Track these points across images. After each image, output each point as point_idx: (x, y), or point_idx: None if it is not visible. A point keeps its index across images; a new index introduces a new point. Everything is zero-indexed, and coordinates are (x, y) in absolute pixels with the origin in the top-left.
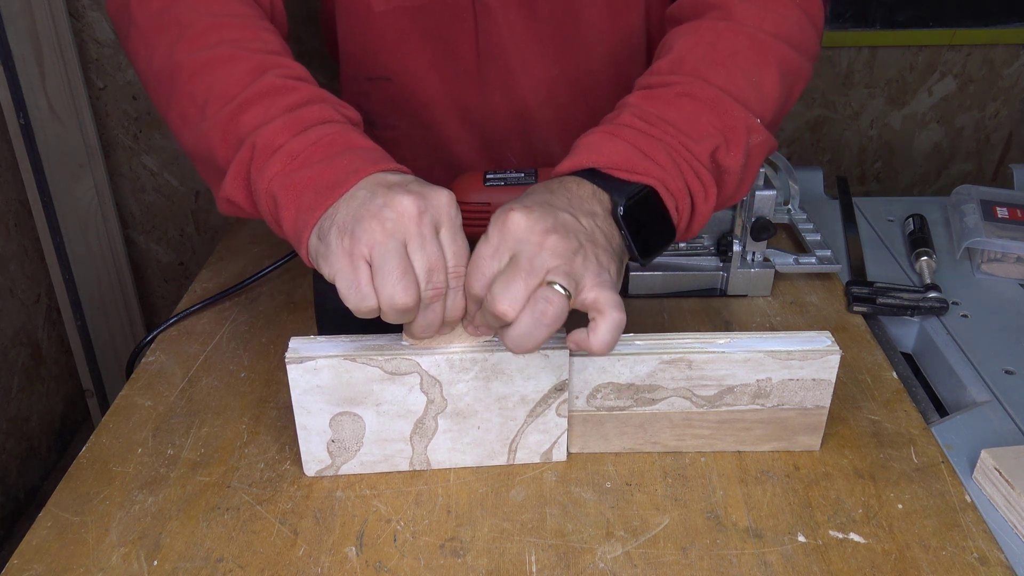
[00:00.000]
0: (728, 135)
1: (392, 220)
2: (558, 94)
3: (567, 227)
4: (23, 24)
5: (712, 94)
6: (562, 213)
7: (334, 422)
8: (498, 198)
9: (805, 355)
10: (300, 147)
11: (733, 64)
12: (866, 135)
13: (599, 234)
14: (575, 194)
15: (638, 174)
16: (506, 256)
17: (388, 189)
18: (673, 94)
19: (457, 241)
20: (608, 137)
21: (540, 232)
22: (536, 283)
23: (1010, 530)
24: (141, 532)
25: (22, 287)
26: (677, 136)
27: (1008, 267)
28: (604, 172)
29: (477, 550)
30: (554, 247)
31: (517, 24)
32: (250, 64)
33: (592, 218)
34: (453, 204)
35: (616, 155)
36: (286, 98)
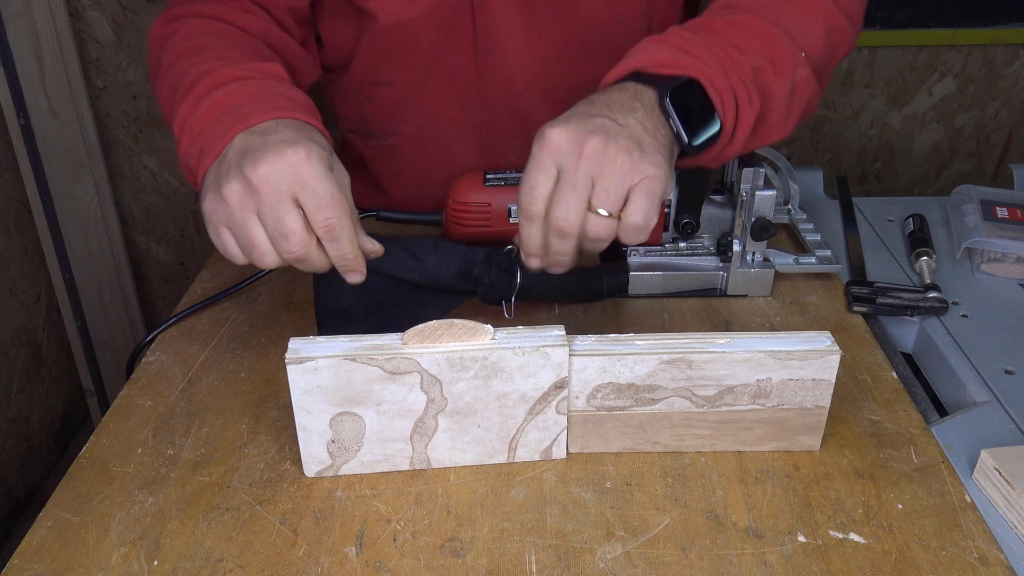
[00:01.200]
0: (775, 60)
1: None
2: (557, 94)
3: (604, 129)
4: (23, 24)
5: (762, 25)
6: (598, 118)
7: (334, 422)
8: (498, 198)
9: (805, 355)
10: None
11: (784, 8)
12: (866, 135)
13: (637, 126)
14: (614, 99)
15: (682, 68)
16: (553, 170)
17: (240, 158)
18: (723, 21)
19: (319, 197)
20: (653, 43)
21: (577, 141)
22: (585, 195)
23: (1010, 530)
24: (141, 532)
25: (22, 287)
26: (723, 46)
27: (1008, 267)
28: (648, 72)
29: (477, 550)
30: (591, 152)
31: (515, 25)
32: (232, 70)
33: (632, 115)
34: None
35: (660, 55)
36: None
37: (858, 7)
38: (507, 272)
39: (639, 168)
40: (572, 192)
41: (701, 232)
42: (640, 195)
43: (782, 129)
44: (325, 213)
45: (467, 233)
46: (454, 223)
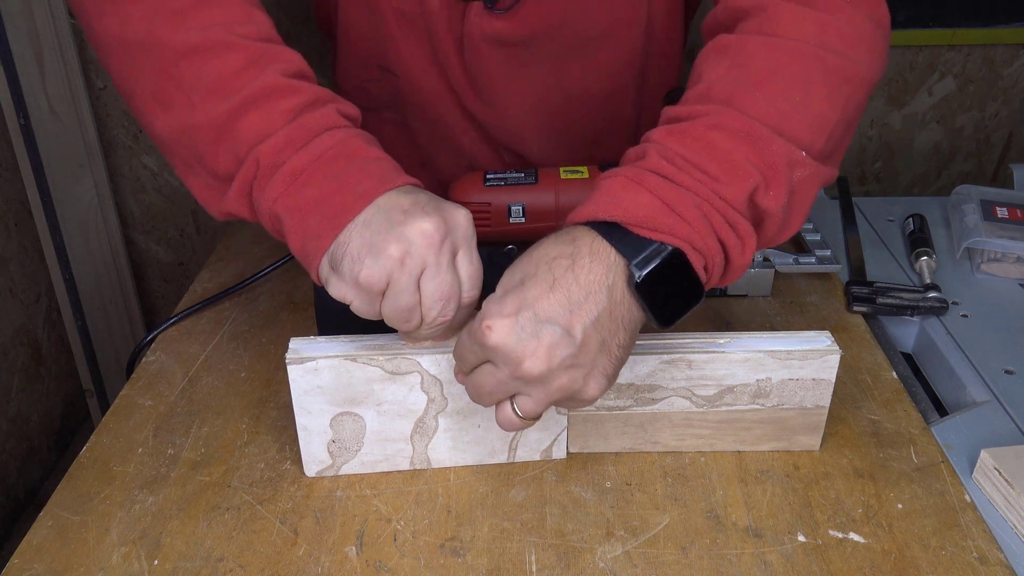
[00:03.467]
0: (767, 173)
1: (411, 248)
2: (548, 112)
3: (550, 349)
4: (23, 24)
5: (746, 125)
6: (549, 328)
7: (335, 422)
8: (498, 198)
9: (805, 355)
10: (303, 163)
11: (770, 85)
12: (866, 135)
13: (594, 338)
14: (581, 280)
15: (662, 232)
16: (482, 358)
17: (404, 214)
18: (703, 127)
19: (473, 264)
20: (631, 185)
21: (518, 356)
22: (502, 398)
23: (1010, 530)
24: (141, 532)
25: (22, 287)
26: (708, 183)
27: (1008, 267)
28: (624, 228)
29: (477, 550)
30: (529, 376)
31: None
32: (246, 55)
33: (595, 313)
34: (470, 223)
35: (638, 209)
36: (287, 101)
37: (870, 37)
38: None
39: (576, 396)
40: (491, 389)
41: None
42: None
43: (783, 234)
44: (475, 292)
45: None
46: None
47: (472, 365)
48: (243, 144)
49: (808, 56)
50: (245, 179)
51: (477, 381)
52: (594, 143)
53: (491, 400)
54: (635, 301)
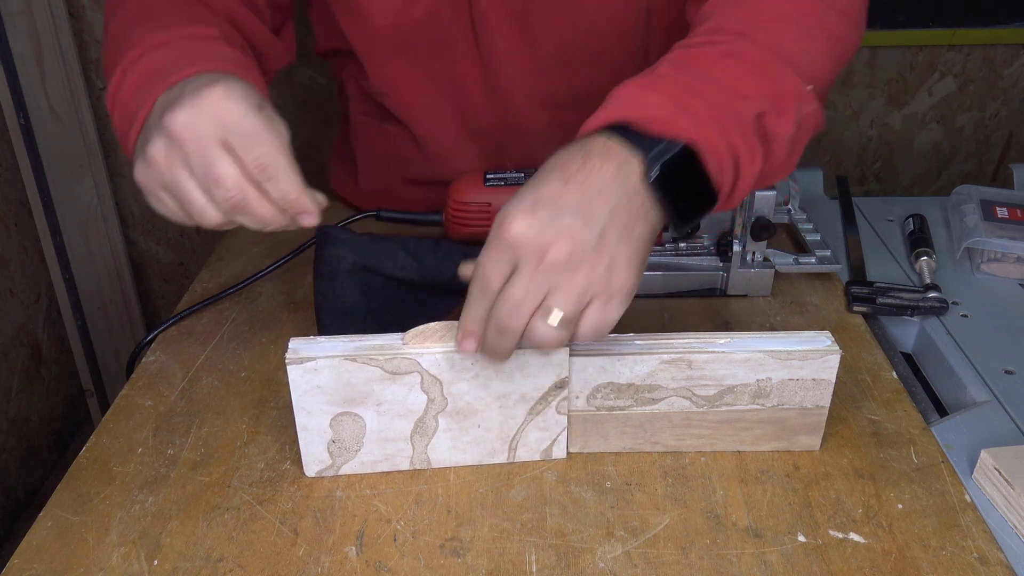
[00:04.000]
0: (777, 100)
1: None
2: (555, 102)
3: (572, 235)
4: (23, 24)
5: (759, 55)
6: (567, 217)
7: (334, 422)
8: (498, 198)
9: (805, 355)
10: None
11: (781, 25)
12: (866, 135)
13: (613, 227)
14: (594, 176)
15: (675, 129)
16: (509, 263)
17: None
18: (716, 53)
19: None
20: (643, 88)
21: (539, 245)
22: (535, 301)
23: (1010, 530)
24: (141, 532)
25: (22, 287)
26: (720, 92)
27: (1008, 267)
28: (637, 128)
29: (477, 550)
30: (553, 263)
31: (511, 34)
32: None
33: (611, 204)
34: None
35: (651, 108)
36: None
37: (859, 5)
38: None
39: (602, 286)
40: (521, 297)
41: (701, 232)
42: (596, 312)
43: (785, 169)
44: (255, 151)
45: (467, 233)
46: (454, 223)
47: (497, 285)
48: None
49: (816, 10)
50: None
51: (506, 296)
52: None
53: (522, 314)
54: (650, 196)
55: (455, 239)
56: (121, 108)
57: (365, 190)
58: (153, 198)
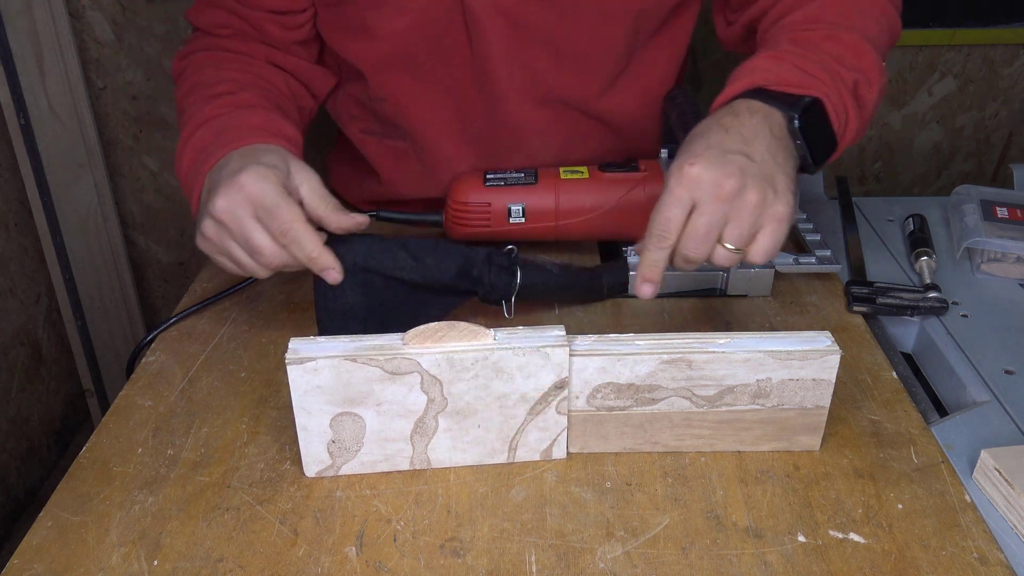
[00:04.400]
0: (867, 73)
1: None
2: (551, 102)
3: (742, 171)
4: (23, 24)
5: (854, 39)
6: (734, 156)
7: (334, 422)
8: (498, 198)
9: (805, 355)
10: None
11: (862, 17)
12: (866, 135)
13: (771, 162)
14: (747, 125)
15: (805, 88)
16: (688, 204)
17: (208, 193)
18: (819, 37)
19: (270, 210)
20: (772, 60)
21: (715, 182)
22: (717, 232)
23: (1010, 530)
24: (141, 532)
25: (22, 287)
26: (830, 63)
27: (1008, 267)
28: (772, 90)
29: (477, 550)
30: (728, 194)
31: (505, 37)
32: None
33: (765, 145)
34: (249, 188)
35: (783, 73)
36: None
37: (901, 2)
38: (507, 272)
39: (770, 211)
40: (706, 229)
41: None
42: (767, 235)
43: (862, 132)
44: (277, 221)
45: (467, 233)
46: (454, 223)
47: (678, 227)
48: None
49: (883, 6)
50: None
51: (692, 230)
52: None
53: (709, 243)
54: (792, 140)
55: (455, 239)
56: (182, 179)
57: (364, 199)
58: (215, 260)
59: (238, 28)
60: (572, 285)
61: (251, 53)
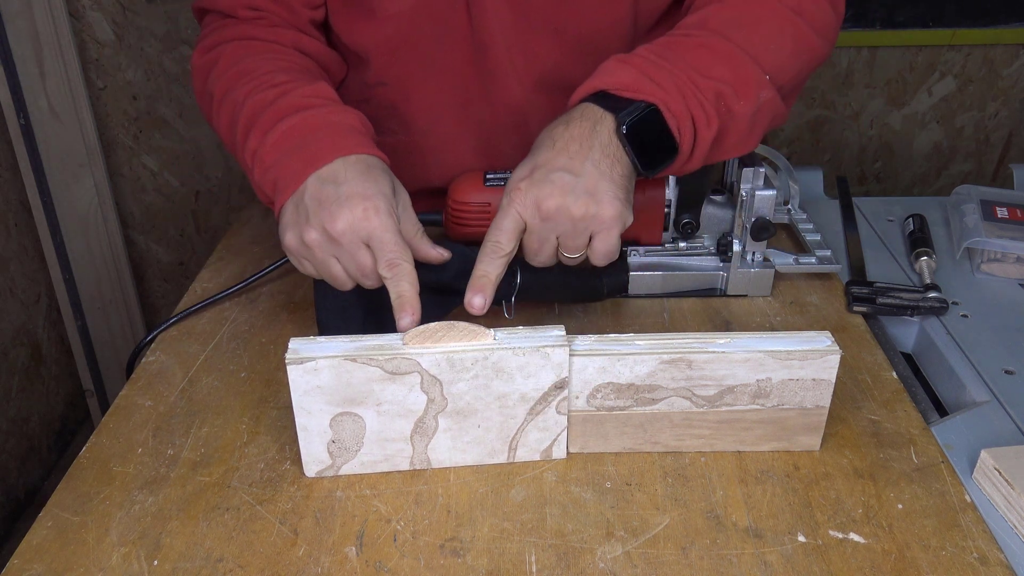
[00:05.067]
0: (737, 86)
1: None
2: (551, 86)
3: (563, 188)
4: (23, 24)
5: (729, 49)
6: (557, 174)
7: (334, 422)
8: (498, 198)
9: (805, 355)
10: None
11: (753, 29)
12: (866, 135)
13: (594, 173)
14: (574, 137)
15: (642, 94)
16: (519, 221)
17: (317, 207)
18: (692, 43)
19: (384, 244)
20: (620, 63)
21: (537, 203)
22: (552, 247)
23: (1010, 530)
24: (141, 532)
25: (22, 287)
26: (685, 70)
27: (1008, 267)
28: (612, 93)
29: (477, 550)
30: (551, 213)
31: (508, 21)
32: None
33: (589, 158)
34: (373, 220)
35: (624, 78)
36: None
37: (830, 22)
38: (507, 272)
39: (596, 219)
40: (538, 245)
41: (701, 232)
42: (600, 241)
43: (746, 144)
44: (389, 255)
45: (467, 233)
46: (454, 223)
47: (508, 245)
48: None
49: (786, 17)
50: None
51: (527, 247)
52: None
53: (546, 255)
54: (622, 146)
55: (455, 239)
56: (263, 167)
57: None
58: (294, 260)
59: (261, 6)
60: (572, 285)
61: (279, 40)
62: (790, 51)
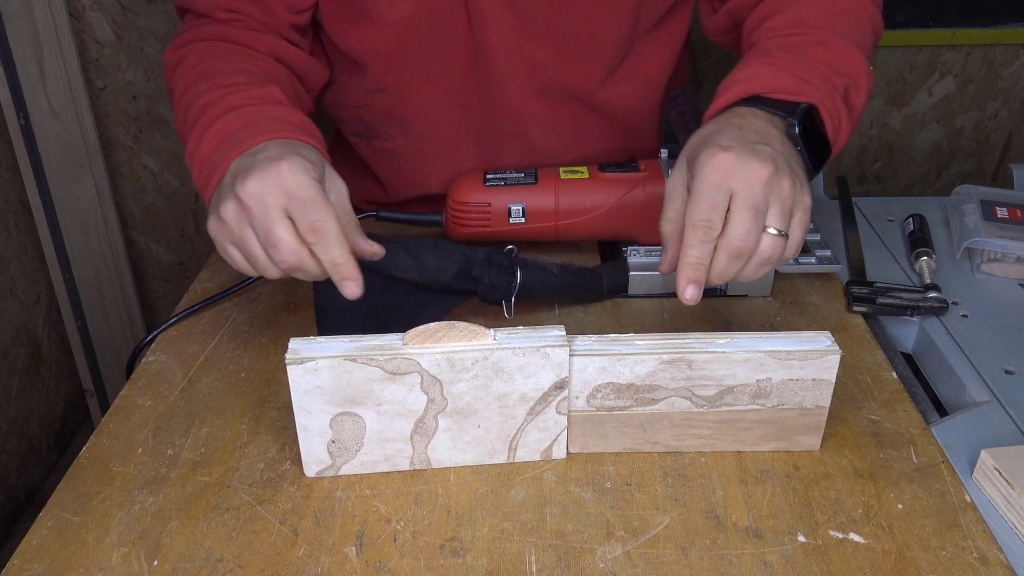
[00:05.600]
0: (856, 79)
1: (236, 212)
2: (551, 92)
3: (772, 158)
4: (23, 24)
5: (842, 44)
6: (760, 146)
7: (334, 423)
8: (498, 198)
9: (805, 355)
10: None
11: (846, 20)
12: (866, 135)
13: (787, 156)
14: (758, 127)
15: (801, 95)
16: (727, 192)
17: (232, 180)
18: (810, 41)
19: (304, 204)
20: (766, 66)
21: (750, 168)
22: (763, 218)
23: (1010, 530)
24: (141, 532)
25: (22, 287)
26: (821, 69)
27: (1008, 267)
28: (768, 97)
29: (477, 550)
30: (766, 178)
31: (508, 26)
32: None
33: (779, 144)
34: (286, 176)
35: (778, 80)
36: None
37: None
38: (507, 272)
39: (800, 194)
40: (752, 213)
41: None
42: (800, 219)
43: (848, 138)
44: (310, 216)
45: (467, 233)
46: (454, 223)
47: (720, 222)
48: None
49: (865, 5)
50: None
51: (737, 221)
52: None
53: (756, 229)
54: (793, 147)
55: (455, 239)
56: (199, 166)
57: (361, 199)
58: (222, 250)
59: (239, 9)
60: (572, 285)
61: (254, 44)
62: (872, 37)
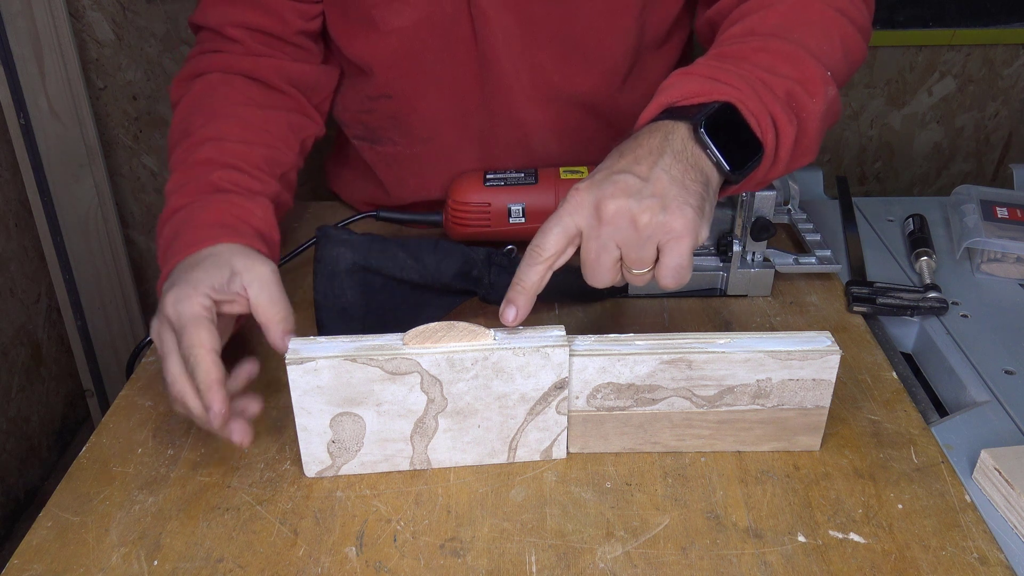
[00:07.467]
0: (807, 84)
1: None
2: (555, 100)
3: (626, 190)
4: (23, 24)
5: (789, 48)
6: (621, 176)
7: (334, 423)
8: (498, 198)
9: (805, 355)
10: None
11: (806, 30)
12: (866, 135)
13: (664, 178)
14: (643, 146)
15: (711, 95)
16: (573, 229)
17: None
18: (751, 48)
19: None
20: (681, 76)
21: (596, 204)
22: (612, 258)
23: (1010, 530)
24: (141, 532)
25: (22, 287)
26: (753, 70)
27: (1008, 267)
28: (680, 106)
29: (477, 550)
30: (612, 216)
31: (512, 33)
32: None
33: (659, 164)
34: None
35: (689, 87)
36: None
37: (867, 18)
38: (507, 272)
39: (664, 227)
40: (596, 255)
41: None
42: (668, 254)
43: (813, 151)
44: (184, 342)
45: (467, 233)
46: (454, 223)
47: (556, 247)
48: None
49: (832, 18)
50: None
51: (584, 259)
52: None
53: (605, 268)
54: (701, 150)
55: (455, 239)
56: (159, 259)
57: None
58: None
59: (250, 22)
60: (572, 285)
61: (256, 72)
62: (840, 52)
